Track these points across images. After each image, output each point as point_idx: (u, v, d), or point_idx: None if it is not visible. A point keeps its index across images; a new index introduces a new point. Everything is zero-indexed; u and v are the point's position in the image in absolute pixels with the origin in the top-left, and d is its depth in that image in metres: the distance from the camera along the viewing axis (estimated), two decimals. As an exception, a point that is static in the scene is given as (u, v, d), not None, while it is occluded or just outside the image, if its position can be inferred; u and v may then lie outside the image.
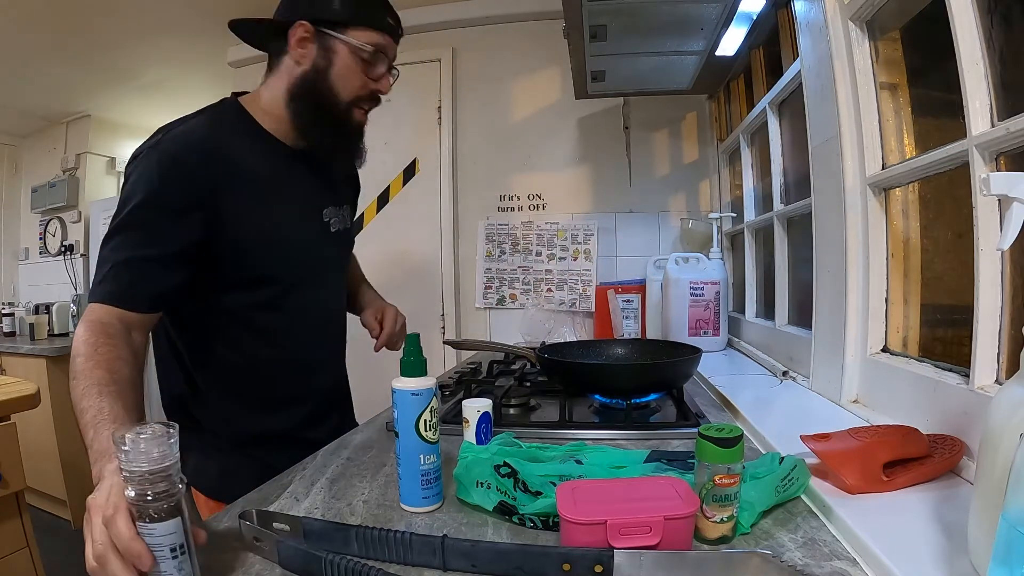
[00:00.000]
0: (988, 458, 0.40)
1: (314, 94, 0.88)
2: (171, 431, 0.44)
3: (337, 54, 0.87)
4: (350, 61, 0.87)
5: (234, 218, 0.83)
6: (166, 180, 0.78)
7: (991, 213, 0.65)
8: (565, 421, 0.91)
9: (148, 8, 2.28)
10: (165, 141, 0.81)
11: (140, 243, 0.76)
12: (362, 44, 0.87)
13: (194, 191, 0.79)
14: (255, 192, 0.86)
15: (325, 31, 0.86)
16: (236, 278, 0.86)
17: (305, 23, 0.85)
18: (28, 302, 3.42)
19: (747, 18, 1.30)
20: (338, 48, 0.87)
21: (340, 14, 0.86)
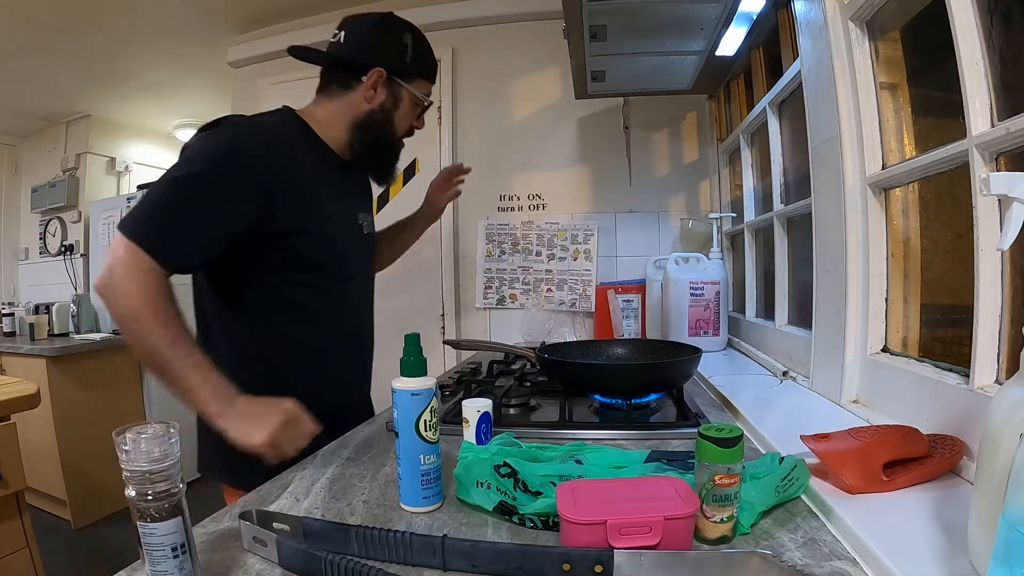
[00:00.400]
0: (988, 458, 0.40)
1: (378, 128, 1.03)
2: (171, 431, 0.44)
3: (402, 100, 1.04)
4: (409, 107, 1.05)
5: (290, 204, 0.91)
6: (230, 157, 0.86)
7: (991, 213, 0.65)
8: (565, 421, 0.91)
9: (148, 8, 2.29)
10: (233, 125, 0.91)
11: (195, 208, 0.83)
12: (422, 96, 1.06)
13: (255, 173, 0.87)
14: (309, 186, 0.96)
15: (396, 79, 1.02)
16: (286, 259, 0.94)
17: (381, 71, 1.00)
18: (28, 302, 3.42)
19: (747, 18, 1.30)
20: (404, 95, 1.04)
21: (409, 68, 1.03)
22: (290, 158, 0.93)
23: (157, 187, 0.84)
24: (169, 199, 0.83)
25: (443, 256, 2.25)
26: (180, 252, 0.82)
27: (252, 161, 0.88)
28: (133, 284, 0.78)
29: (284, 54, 2.82)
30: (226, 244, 0.86)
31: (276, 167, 0.90)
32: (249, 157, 0.88)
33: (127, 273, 0.78)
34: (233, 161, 0.86)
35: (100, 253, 3.22)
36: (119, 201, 3.19)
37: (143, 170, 3.71)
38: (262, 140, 0.91)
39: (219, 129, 0.90)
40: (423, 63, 1.06)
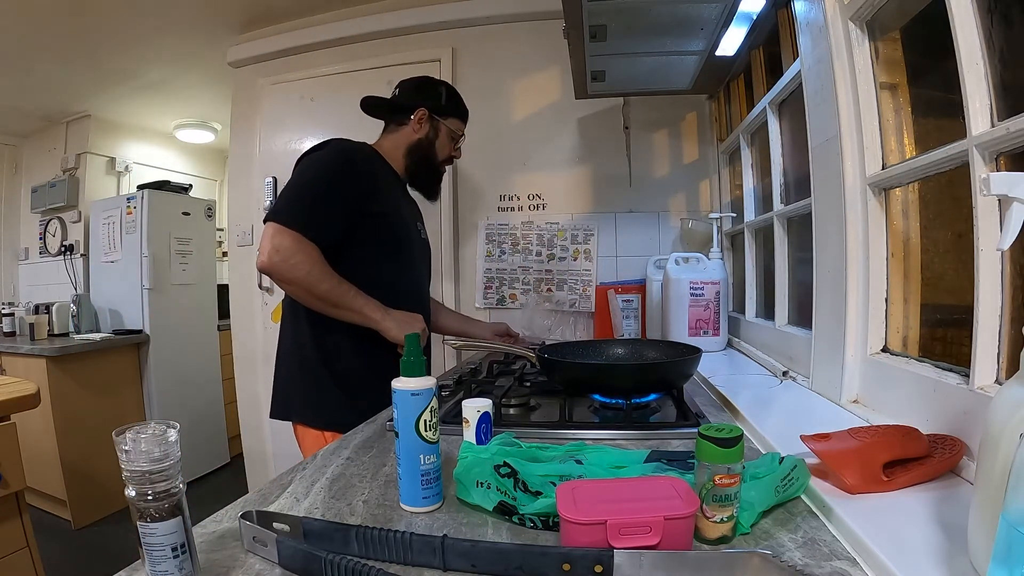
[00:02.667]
0: (988, 458, 0.40)
1: (423, 152, 1.39)
2: (171, 431, 0.44)
3: (440, 132, 1.40)
4: (446, 138, 1.41)
5: (383, 192, 1.28)
6: (343, 155, 1.24)
7: (991, 213, 0.65)
8: (565, 421, 0.91)
9: (148, 8, 2.29)
10: (342, 143, 1.27)
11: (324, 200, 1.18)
12: (455, 129, 1.43)
13: (362, 163, 1.27)
14: (387, 187, 1.32)
15: (435, 116, 1.38)
16: (379, 234, 1.26)
17: (424, 110, 1.37)
18: (28, 302, 3.41)
19: (747, 18, 1.30)
20: (441, 128, 1.40)
21: (445, 109, 1.40)
22: (376, 166, 1.31)
23: (291, 188, 1.20)
24: (303, 192, 1.18)
25: (443, 256, 2.25)
26: (317, 228, 1.15)
27: (356, 155, 1.26)
28: (299, 254, 1.12)
29: (284, 54, 2.82)
30: (349, 219, 1.20)
31: (373, 163, 1.30)
32: (355, 153, 1.27)
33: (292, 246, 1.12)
34: (345, 157, 1.24)
35: (100, 253, 3.22)
36: (119, 201, 3.19)
37: (143, 170, 3.71)
38: (359, 147, 1.30)
39: (328, 145, 1.26)
40: (456, 106, 1.43)
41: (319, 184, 1.19)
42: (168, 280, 3.14)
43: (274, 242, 1.12)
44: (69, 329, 3.06)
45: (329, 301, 1.16)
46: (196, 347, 3.34)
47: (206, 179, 4.28)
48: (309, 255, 1.13)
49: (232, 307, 2.61)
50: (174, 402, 3.12)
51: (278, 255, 1.12)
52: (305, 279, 1.13)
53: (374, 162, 1.31)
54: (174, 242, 3.18)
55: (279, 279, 1.15)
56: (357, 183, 1.22)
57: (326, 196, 1.18)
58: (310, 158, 1.24)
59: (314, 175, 1.20)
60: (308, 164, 1.23)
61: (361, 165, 1.25)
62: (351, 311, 1.18)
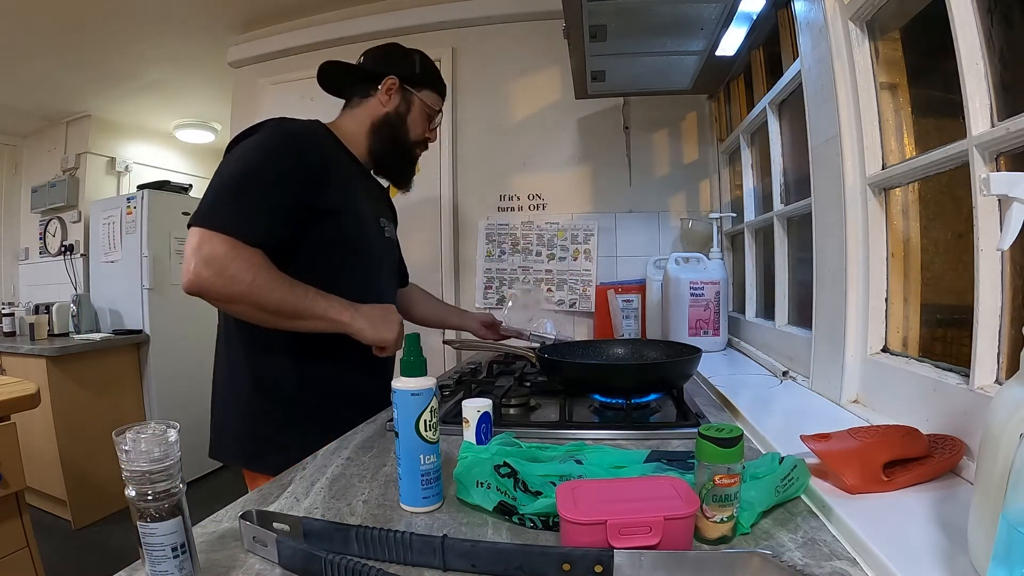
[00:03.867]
0: (988, 458, 0.40)
1: (392, 128, 1.17)
2: (171, 431, 0.44)
3: (413, 105, 1.18)
4: (420, 112, 1.19)
5: (334, 184, 1.03)
6: (288, 147, 0.99)
7: (991, 213, 0.65)
8: (565, 421, 0.91)
9: (148, 8, 2.29)
10: (283, 123, 1.03)
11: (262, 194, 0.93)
12: (431, 103, 1.20)
13: (309, 161, 1.00)
14: (340, 178, 1.06)
15: (407, 87, 1.17)
16: (329, 237, 1.03)
17: (394, 78, 1.15)
18: (28, 302, 3.42)
19: (747, 18, 1.30)
20: (415, 101, 1.18)
21: (419, 78, 1.18)
22: (326, 151, 1.06)
23: (218, 182, 0.94)
24: (235, 185, 0.93)
25: (443, 256, 2.25)
26: (256, 228, 0.91)
27: (302, 137, 1.02)
28: (236, 262, 0.88)
29: (284, 54, 2.82)
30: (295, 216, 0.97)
31: (323, 147, 1.07)
32: (299, 135, 1.02)
33: (224, 254, 0.87)
34: (286, 140, 1.00)
35: (100, 253, 3.22)
36: (119, 201, 3.19)
37: (143, 170, 3.71)
38: (306, 126, 1.06)
39: (264, 125, 1.01)
40: (431, 76, 1.20)
41: (255, 174, 0.94)
42: (168, 280, 3.14)
43: (201, 253, 0.86)
44: (69, 329, 3.06)
45: (284, 313, 0.92)
46: (196, 347, 3.33)
47: (206, 179, 4.26)
48: (249, 261, 0.89)
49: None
50: (174, 402, 3.12)
51: (209, 269, 0.86)
52: (248, 292, 0.88)
53: (325, 146, 1.07)
54: (174, 242, 3.18)
55: (215, 299, 0.89)
56: (303, 171, 0.98)
57: (265, 188, 0.93)
58: (243, 144, 0.99)
59: (248, 164, 0.95)
60: (240, 152, 0.98)
61: (308, 148, 1.01)
62: (314, 319, 0.95)
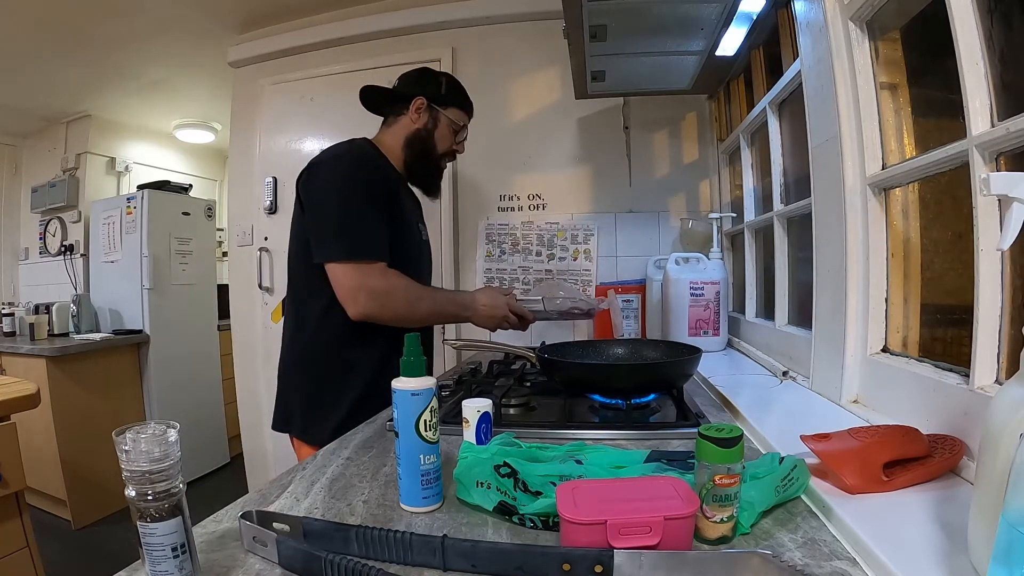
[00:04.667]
0: (988, 458, 0.40)
1: (423, 143, 1.30)
2: (171, 431, 0.44)
3: (440, 122, 1.31)
4: (447, 128, 1.32)
5: (395, 202, 1.22)
6: (366, 168, 1.20)
7: (991, 213, 0.65)
8: (565, 421, 0.91)
9: (148, 8, 2.29)
10: (355, 150, 1.23)
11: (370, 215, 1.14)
12: (455, 119, 1.33)
13: (381, 177, 1.21)
14: (396, 193, 1.24)
15: (434, 106, 1.30)
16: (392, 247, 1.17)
17: (423, 98, 1.29)
18: (28, 302, 3.42)
19: (747, 18, 1.30)
20: (441, 118, 1.31)
21: (444, 98, 1.31)
22: (385, 171, 1.26)
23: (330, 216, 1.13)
24: (347, 215, 1.12)
25: (443, 256, 2.25)
26: (383, 244, 1.14)
27: (369, 161, 1.23)
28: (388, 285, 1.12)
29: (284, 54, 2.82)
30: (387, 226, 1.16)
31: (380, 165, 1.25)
32: (366, 158, 1.23)
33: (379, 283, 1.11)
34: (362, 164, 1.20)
35: (100, 253, 3.22)
36: (119, 201, 3.19)
37: (143, 170, 3.71)
38: (365, 149, 1.25)
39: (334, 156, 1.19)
40: (456, 96, 1.34)
41: (357, 199, 1.12)
42: (168, 280, 3.14)
43: (361, 285, 1.09)
44: (69, 329, 3.06)
45: (429, 320, 1.20)
46: (196, 347, 3.34)
47: (206, 179, 4.28)
48: (401, 284, 1.13)
49: (232, 307, 2.61)
50: (174, 402, 3.12)
51: (373, 300, 1.09)
52: (406, 311, 1.14)
53: (380, 163, 1.25)
54: (174, 242, 3.18)
55: (380, 321, 1.12)
56: (381, 187, 1.18)
57: (372, 212, 1.13)
58: (330, 174, 1.17)
59: (349, 192, 1.13)
60: (333, 182, 1.15)
61: (377, 171, 1.22)
62: (447, 318, 1.26)
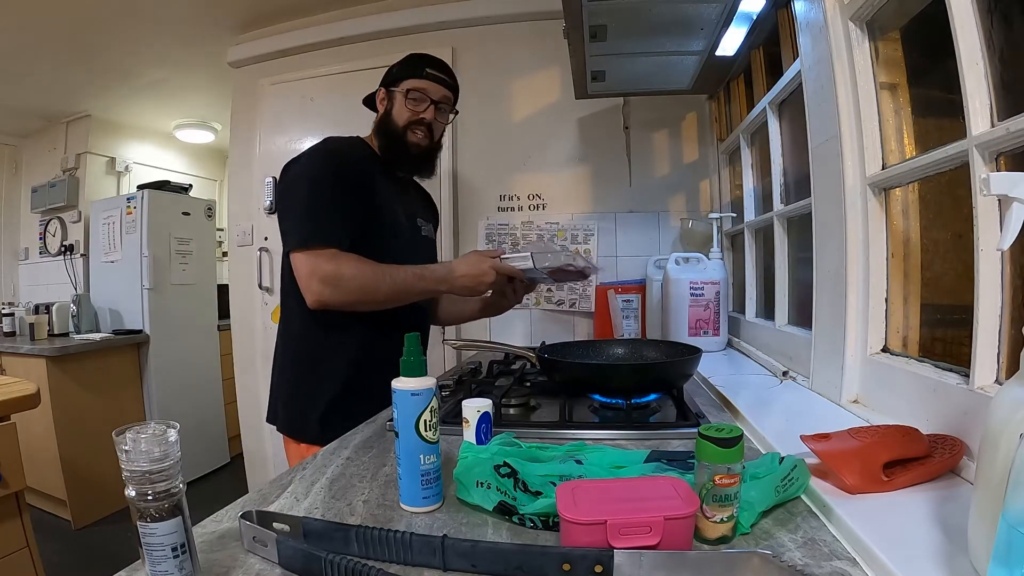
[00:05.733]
0: (988, 458, 0.40)
1: (384, 125, 1.28)
2: (171, 431, 0.44)
3: (395, 100, 1.27)
4: (400, 102, 1.27)
5: (377, 200, 1.20)
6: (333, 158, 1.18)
7: (991, 213, 0.65)
8: (565, 421, 0.91)
9: (148, 8, 2.29)
10: (326, 141, 1.21)
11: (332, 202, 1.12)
12: (412, 87, 1.26)
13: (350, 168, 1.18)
14: (377, 188, 1.21)
15: (390, 89, 1.28)
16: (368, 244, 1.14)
17: (382, 89, 1.30)
18: (28, 302, 3.42)
19: (747, 18, 1.30)
20: (396, 96, 1.27)
21: (395, 76, 1.28)
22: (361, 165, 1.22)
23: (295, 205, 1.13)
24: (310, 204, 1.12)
25: (443, 256, 2.25)
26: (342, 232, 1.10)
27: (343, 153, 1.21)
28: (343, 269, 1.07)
29: (284, 54, 2.82)
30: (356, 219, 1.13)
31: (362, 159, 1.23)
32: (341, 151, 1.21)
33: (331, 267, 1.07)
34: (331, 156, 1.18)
35: (100, 253, 3.22)
36: (119, 201, 3.19)
37: (143, 170, 3.71)
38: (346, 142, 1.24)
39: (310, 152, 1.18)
40: (405, 68, 1.28)
41: (319, 187, 1.13)
42: (168, 280, 3.14)
43: (312, 271, 1.07)
44: (69, 329, 3.06)
45: (393, 300, 1.13)
46: (196, 347, 3.34)
47: (206, 179, 4.28)
48: (352, 267, 1.08)
49: (232, 307, 2.61)
50: (174, 402, 3.12)
51: (325, 285, 1.07)
52: (359, 294, 1.09)
53: (363, 158, 1.24)
54: (174, 242, 3.18)
55: (338, 307, 1.10)
56: (350, 176, 1.16)
57: (331, 198, 1.12)
58: (299, 168, 1.17)
59: (312, 183, 1.14)
60: (300, 175, 1.16)
61: (349, 162, 1.19)
62: (422, 292, 1.16)
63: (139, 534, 0.44)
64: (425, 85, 1.27)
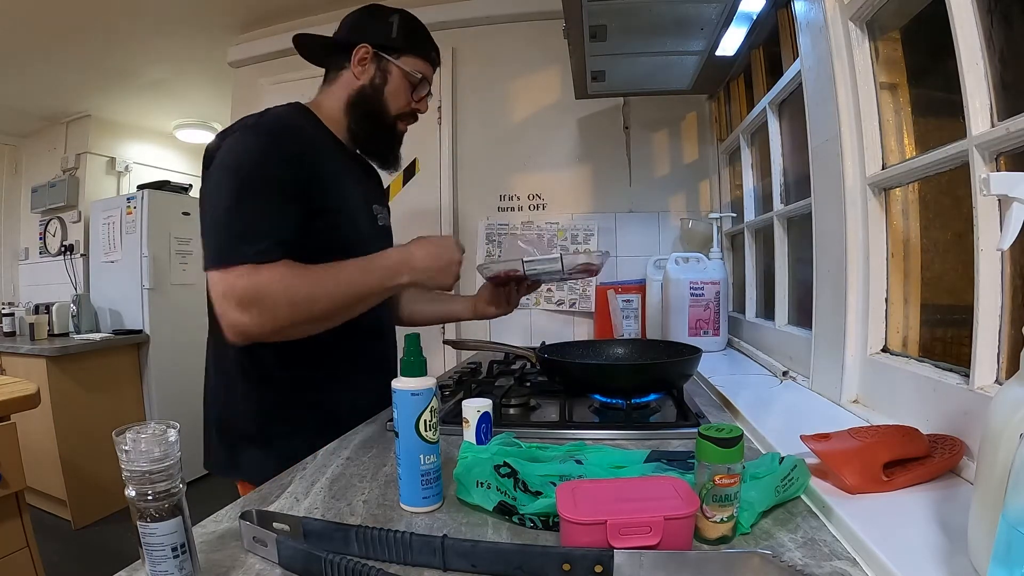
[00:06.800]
0: (988, 458, 0.40)
1: (369, 104, 1.04)
2: (171, 431, 0.44)
3: (391, 75, 1.04)
4: (400, 83, 1.05)
5: (318, 186, 0.93)
6: (268, 148, 0.89)
7: (991, 213, 0.65)
8: (565, 421, 0.91)
9: (148, 8, 2.29)
10: (257, 123, 0.92)
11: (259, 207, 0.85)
12: (412, 70, 1.05)
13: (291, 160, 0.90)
14: (329, 171, 0.97)
15: (383, 55, 1.03)
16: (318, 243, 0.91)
17: (367, 46, 1.02)
18: (28, 302, 3.42)
19: (747, 18, 1.30)
20: (392, 70, 1.04)
21: (396, 43, 1.03)
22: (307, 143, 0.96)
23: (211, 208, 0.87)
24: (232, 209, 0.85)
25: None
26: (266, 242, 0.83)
27: (279, 135, 0.91)
28: (264, 290, 0.81)
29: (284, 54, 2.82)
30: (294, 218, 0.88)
31: (302, 137, 0.95)
32: (277, 132, 0.91)
33: (249, 288, 0.81)
34: (266, 140, 0.89)
35: (100, 253, 3.22)
36: (119, 201, 3.19)
37: (143, 170, 3.71)
38: (281, 116, 0.95)
39: (237, 133, 0.91)
40: (412, 39, 1.06)
41: (244, 190, 0.85)
42: (168, 280, 3.14)
43: (228, 299, 0.81)
44: (69, 329, 3.06)
45: (341, 311, 0.88)
46: (196, 347, 3.28)
47: (206, 179, 4.28)
48: (276, 277, 0.82)
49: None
50: (174, 402, 3.12)
51: (239, 309, 0.80)
52: (289, 312, 0.83)
53: (305, 136, 0.96)
54: (174, 242, 3.18)
55: (268, 336, 0.84)
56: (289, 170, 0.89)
57: (259, 201, 0.85)
58: (221, 156, 0.89)
59: (234, 182, 0.87)
60: (220, 165, 0.89)
61: (287, 145, 0.91)
62: (374, 297, 0.91)
63: (139, 534, 0.44)
64: (429, 71, 1.08)
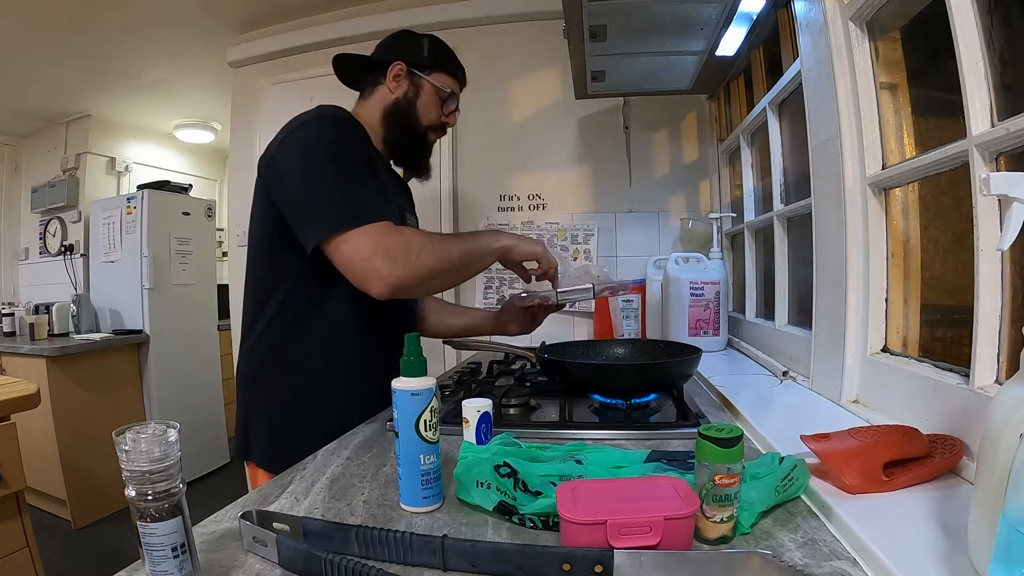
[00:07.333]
0: (988, 458, 0.40)
1: (403, 114, 1.13)
2: (171, 431, 0.44)
3: (423, 89, 1.13)
4: (432, 97, 1.14)
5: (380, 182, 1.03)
6: (345, 131, 1.01)
7: (991, 213, 0.65)
8: (565, 421, 0.91)
9: (148, 8, 2.29)
10: (320, 113, 1.01)
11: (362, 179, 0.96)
12: (442, 85, 1.14)
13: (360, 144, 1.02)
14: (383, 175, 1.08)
15: (415, 71, 1.13)
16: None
17: (401, 63, 1.12)
18: (28, 302, 3.42)
19: (747, 18, 1.30)
20: (424, 85, 1.13)
21: (427, 61, 1.14)
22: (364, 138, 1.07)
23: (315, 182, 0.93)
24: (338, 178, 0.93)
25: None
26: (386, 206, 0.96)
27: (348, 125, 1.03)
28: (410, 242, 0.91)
29: (284, 54, 2.82)
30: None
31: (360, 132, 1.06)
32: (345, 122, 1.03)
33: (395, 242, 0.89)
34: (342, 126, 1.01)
35: (100, 253, 3.22)
36: (119, 201, 3.19)
37: (143, 170, 3.71)
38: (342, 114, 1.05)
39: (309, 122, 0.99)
40: (440, 59, 1.16)
41: (343, 163, 0.95)
42: (168, 280, 3.14)
43: (374, 249, 0.88)
44: (69, 329, 3.06)
45: (465, 264, 0.98)
46: (196, 347, 3.34)
47: (206, 179, 4.28)
48: (417, 237, 0.93)
49: (232, 307, 2.61)
50: (174, 402, 3.12)
51: (392, 262, 0.88)
52: (433, 260, 0.91)
53: (360, 132, 1.06)
54: (174, 242, 3.18)
55: (413, 287, 0.93)
56: (363, 151, 1.02)
57: (358, 172, 0.96)
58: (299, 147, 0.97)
59: (337, 151, 0.96)
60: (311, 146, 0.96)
61: (355, 136, 1.03)
62: (485, 256, 1.01)
63: (139, 534, 0.44)
64: (457, 88, 1.18)
